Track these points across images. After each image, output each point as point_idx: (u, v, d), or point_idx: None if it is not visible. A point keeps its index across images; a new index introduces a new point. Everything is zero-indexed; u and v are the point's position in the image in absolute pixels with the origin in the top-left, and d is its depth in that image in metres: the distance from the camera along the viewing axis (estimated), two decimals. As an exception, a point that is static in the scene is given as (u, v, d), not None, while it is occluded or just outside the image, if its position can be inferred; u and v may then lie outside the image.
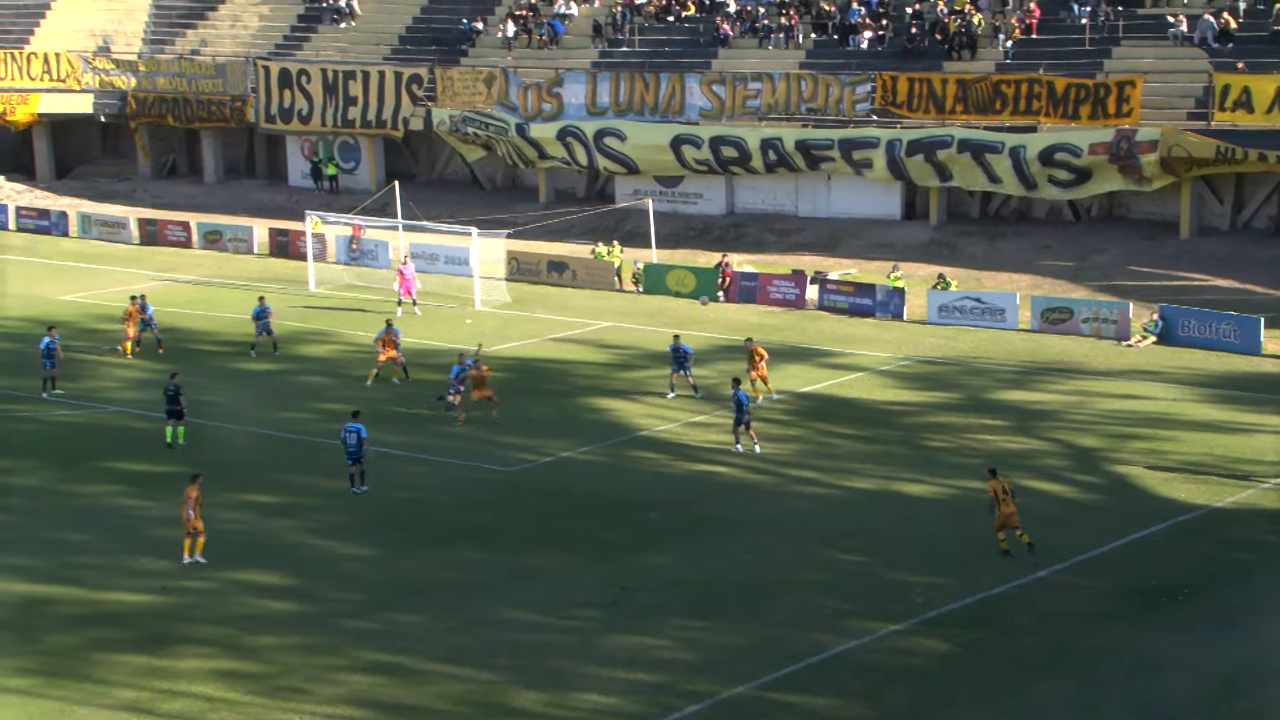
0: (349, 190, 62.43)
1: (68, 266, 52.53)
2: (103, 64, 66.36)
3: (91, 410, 34.80)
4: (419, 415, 34.18)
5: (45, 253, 55.10)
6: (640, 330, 42.35)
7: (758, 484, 29.42)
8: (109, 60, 66.50)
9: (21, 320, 44.00)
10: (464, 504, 28.38)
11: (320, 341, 41.18)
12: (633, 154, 55.69)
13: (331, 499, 28.63)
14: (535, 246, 52.10)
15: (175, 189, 65.60)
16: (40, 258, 54.18)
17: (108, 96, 66.35)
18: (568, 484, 29.44)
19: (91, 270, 51.71)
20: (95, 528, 27.16)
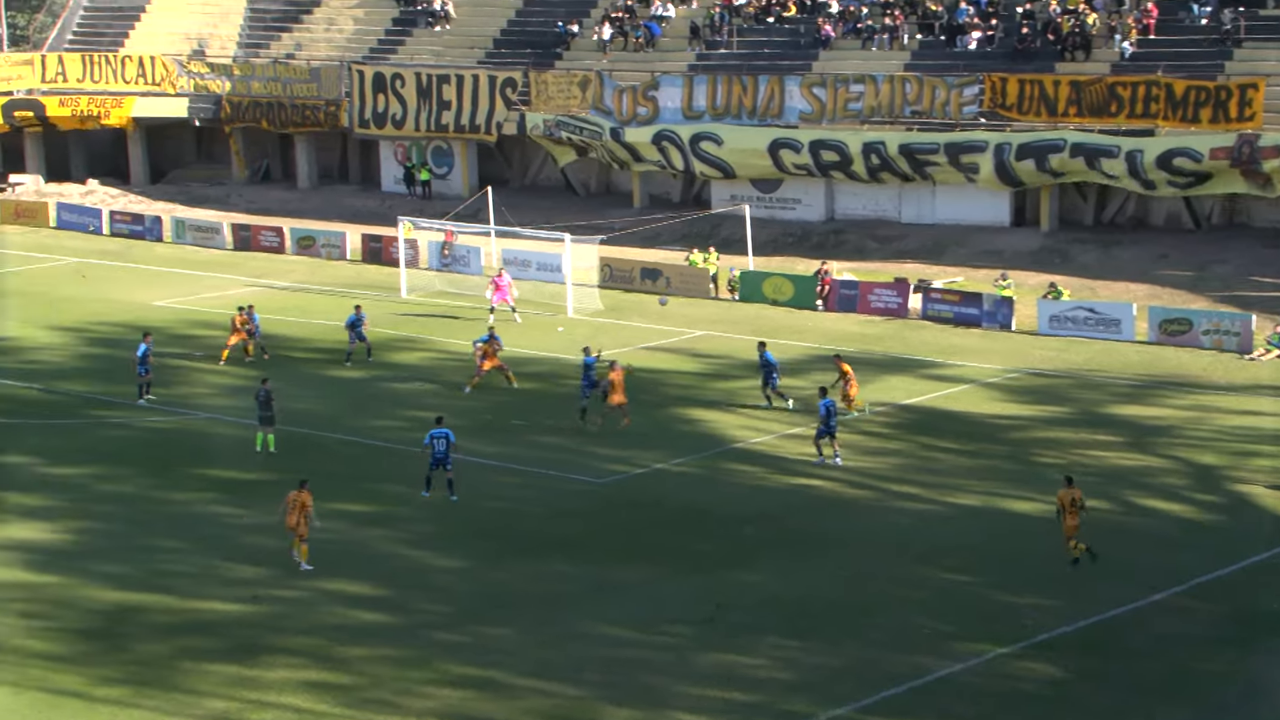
0: (442, 196, 63.03)
1: (161, 272, 53.60)
2: (197, 67, 67.64)
3: (184, 417, 35.46)
4: (512, 424, 34.36)
5: (139, 258, 56.29)
6: (735, 339, 42.27)
7: (856, 499, 29.22)
8: (204, 64, 67.76)
9: (116, 326, 44.98)
10: (555, 515, 28.50)
11: (412, 349, 41.61)
12: (729, 158, 55.62)
13: (423, 509, 28.91)
14: (629, 253, 52.18)
15: (269, 194, 66.68)
16: (134, 263, 55.35)
17: (202, 100, 67.62)
18: (660, 496, 29.45)
19: (185, 276, 52.71)
20: (187, 535, 27.65)
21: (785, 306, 46.08)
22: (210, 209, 64.75)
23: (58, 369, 40.11)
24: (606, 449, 32.53)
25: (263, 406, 32.41)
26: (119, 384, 37.94)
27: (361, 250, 55.05)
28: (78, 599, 24.83)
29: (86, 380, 38.74)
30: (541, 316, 45.38)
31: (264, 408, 32.40)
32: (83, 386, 38.15)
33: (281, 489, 29.56)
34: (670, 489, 29.95)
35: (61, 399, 37.16)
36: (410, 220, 52.94)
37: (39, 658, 22.74)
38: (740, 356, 40.19)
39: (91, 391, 37.69)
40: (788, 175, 55.00)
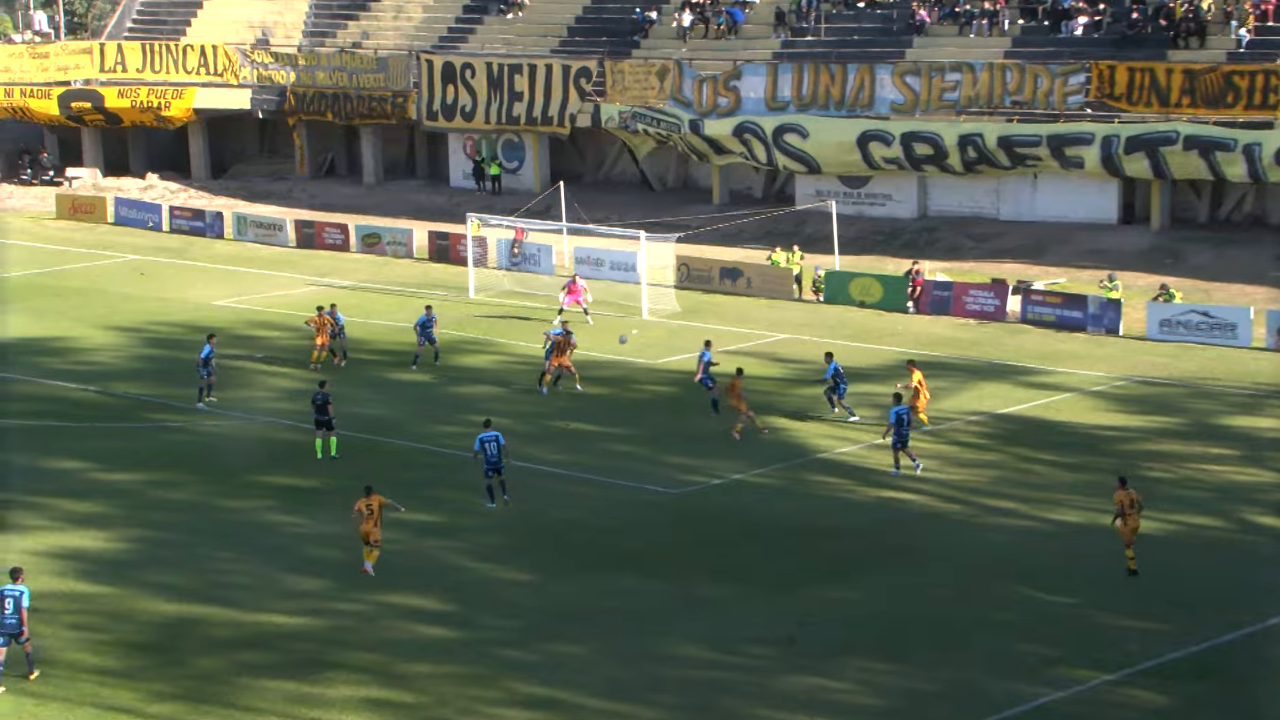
0: (512, 191, 63.26)
1: (222, 270, 54.19)
2: (261, 57, 68.33)
3: (243, 421, 35.78)
4: (582, 431, 34.36)
5: (199, 255, 56.96)
6: (820, 343, 42.03)
7: (950, 513, 28.89)
8: (267, 53, 68.42)
9: (175, 326, 45.51)
10: (628, 527, 28.43)
11: (480, 351, 41.74)
12: (815, 151, 55.35)
13: (489, 519, 28.94)
14: (707, 251, 52.03)
15: (333, 189, 67.26)
16: (194, 260, 56.00)
17: (266, 91, 68.31)
18: (739, 509, 29.30)
19: (246, 274, 53.26)
20: (246, 545, 27.86)
21: (873, 309, 45.75)
22: (272, 205, 65.41)
23: (113, 370, 40.63)
24: (681, 458, 32.42)
25: (319, 411, 32.62)
26: (176, 386, 38.35)
27: (428, 248, 55.34)
28: (132, 611, 25.06)
29: (143, 382, 39.21)
30: (615, 318, 45.34)
31: (321, 412, 32.61)
32: (139, 389, 38.61)
33: (344, 497, 29.71)
34: (749, 501, 29.78)
35: (117, 401, 37.62)
36: (479, 217, 53.14)
37: (91, 672, 22.97)
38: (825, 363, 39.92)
39: (148, 394, 38.13)
40: (877, 169, 54.64)
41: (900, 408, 30.89)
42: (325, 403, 32.60)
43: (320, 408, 32.58)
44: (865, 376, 38.52)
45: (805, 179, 56.94)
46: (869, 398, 36.04)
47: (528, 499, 29.90)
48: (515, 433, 34.32)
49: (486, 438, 29.38)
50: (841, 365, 36.91)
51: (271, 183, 69.10)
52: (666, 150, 61.55)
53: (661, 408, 36.39)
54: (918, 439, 33.20)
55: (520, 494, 30.17)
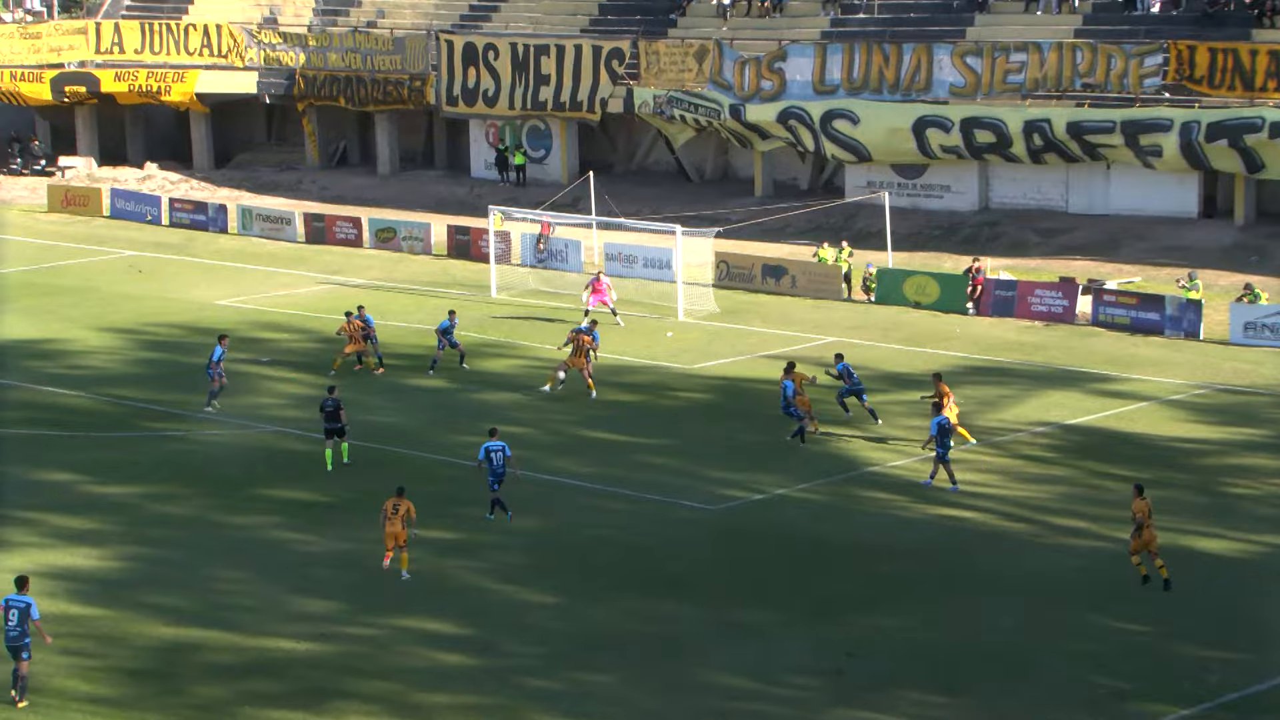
0: (538, 182, 63.35)
1: (225, 267, 54.44)
2: (268, 37, 68.65)
3: (249, 430, 35.94)
4: (612, 441, 34.39)
5: (201, 251, 57.23)
6: (872, 347, 41.93)
7: (1014, 533, 28.80)
8: (275, 33, 68.73)
9: (175, 327, 45.75)
10: (662, 546, 28.43)
11: (502, 355, 41.81)
12: (867, 139, 55.25)
13: (512, 536, 28.99)
14: (749, 247, 51.99)
15: (345, 180, 67.50)
16: (195, 256, 56.27)
17: (273, 75, 68.60)
18: (783, 527, 29.25)
19: (251, 271, 53.50)
20: (251, 564, 27.97)
21: (930, 310, 45.62)
22: (280, 197, 65.65)
23: (109, 375, 40.88)
24: (720, 471, 32.42)
25: (329, 419, 32.73)
26: (177, 392, 38.54)
27: (447, 244, 55.48)
28: (127, 635, 25.19)
29: (140, 388, 39.43)
30: (648, 320, 45.35)
31: (331, 419, 32.72)
32: (136, 394, 38.82)
33: (357, 513, 29.80)
34: (794, 518, 29.73)
35: (113, 409, 37.84)
36: (502, 210, 53.21)
37: (83, 701, 23.09)
38: (877, 367, 39.84)
39: (146, 400, 38.34)
40: (935, 158, 54.50)
41: (941, 418, 30.79)
42: (336, 409, 32.72)
43: (330, 414, 32.70)
44: (920, 384, 38.34)
45: (856, 169, 56.81)
46: (925, 407, 35.91)
47: (554, 515, 29.91)
48: (540, 444, 34.36)
49: (493, 447, 29.59)
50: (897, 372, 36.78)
51: (279, 173, 69.41)
52: (705, 138, 61.53)
53: (698, 416, 36.37)
54: (978, 452, 33.05)
55: (546, 510, 30.18)
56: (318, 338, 43.99)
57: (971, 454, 32.92)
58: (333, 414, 32.72)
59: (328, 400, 32.99)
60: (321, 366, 40.42)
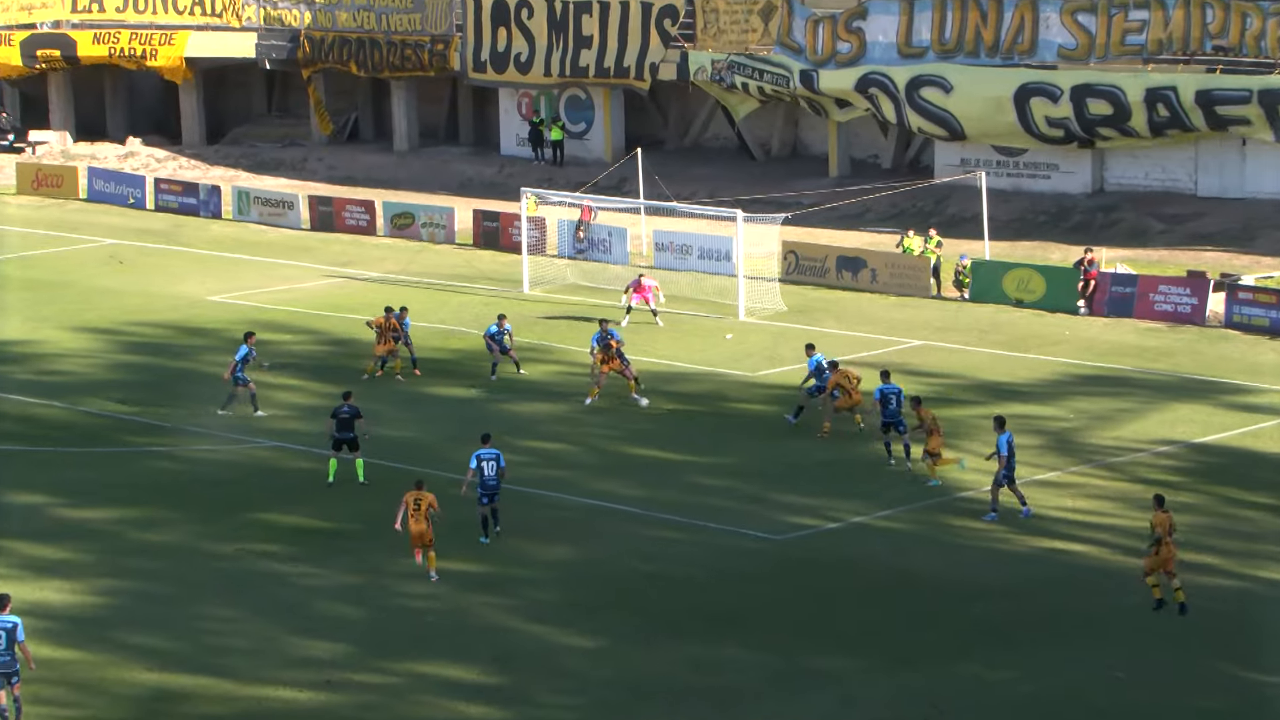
0: (578, 161, 63.41)
1: (219, 258, 54.67)
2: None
3: (245, 445, 36.04)
4: (662, 460, 34.33)
5: (191, 239, 57.51)
6: (965, 352, 41.72)
7: (1131, 570, 28.55)
8: (276, -10, 69.16)
9: (161, 328, 45.94)
10: (719, 582, 28.35)
11: (536, 359, 41.83)
12: (960, 110, 55.07)
13: (547, 569, 28.97)
14: (821, 236, 51.83)
15: (356, 158, 67.73)
16: (185, 245, 56.54)
17: (274, 37, 68.97)
18: (860, 560, 29.14)
19: (249, 263, 53.69)
20: (247, 600, 28.02)
21: (1034, 309, 45.41)
22: (282, 177, 65.94)
23: (86, 382, 41.10)
24: (787, 494, 32.31)
25: (342, 427, 32.86)
26: (163, 403, 38.71)
27: (473, 231, 55.55)
28: (105, 681, 25.26)
29: (122, 397, 39.60)
30: (704, 320, 45.26)
31: (344, 429, 32.85)
32: (117, 405, 39.00)
33: (367, 541, 29.84)
34: (873, 550, 29.60)
35: (90, 421, 38.01)
36: (536, 193, 53.25)
37: (56, 754, 23.20)
38: (972, 374, 39.69)
39: (128, 412, 38.50)
40: (1040, 133, 54.24)
41: (1008, 435, 30.54)
42: (352, 418, 32.86)
43: (344, 423, 32.83)
44: (1022, 395, 38.20)
45: (947, 145, 56.62)
46: (1028, 422, 35.72)
47: (594, 544, 29.86)
48: (578, 462, 34.33)
49: (485, 455, 29.88)
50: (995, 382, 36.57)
51: (281, 150, 69.71)
52: (771, 109, 61.46)
53: (762, 431, 36.27)
54: (1089, 476, 32.81)
55: (585, 538, 30.14)
56: (325, 339, 44.12)
57: (1082, 478, 32.71)
58: (347, 422, 32.84)
59: (343, 407, 33.11)
60: (329, 372, 40.53)
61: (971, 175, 51.93)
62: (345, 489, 32.84)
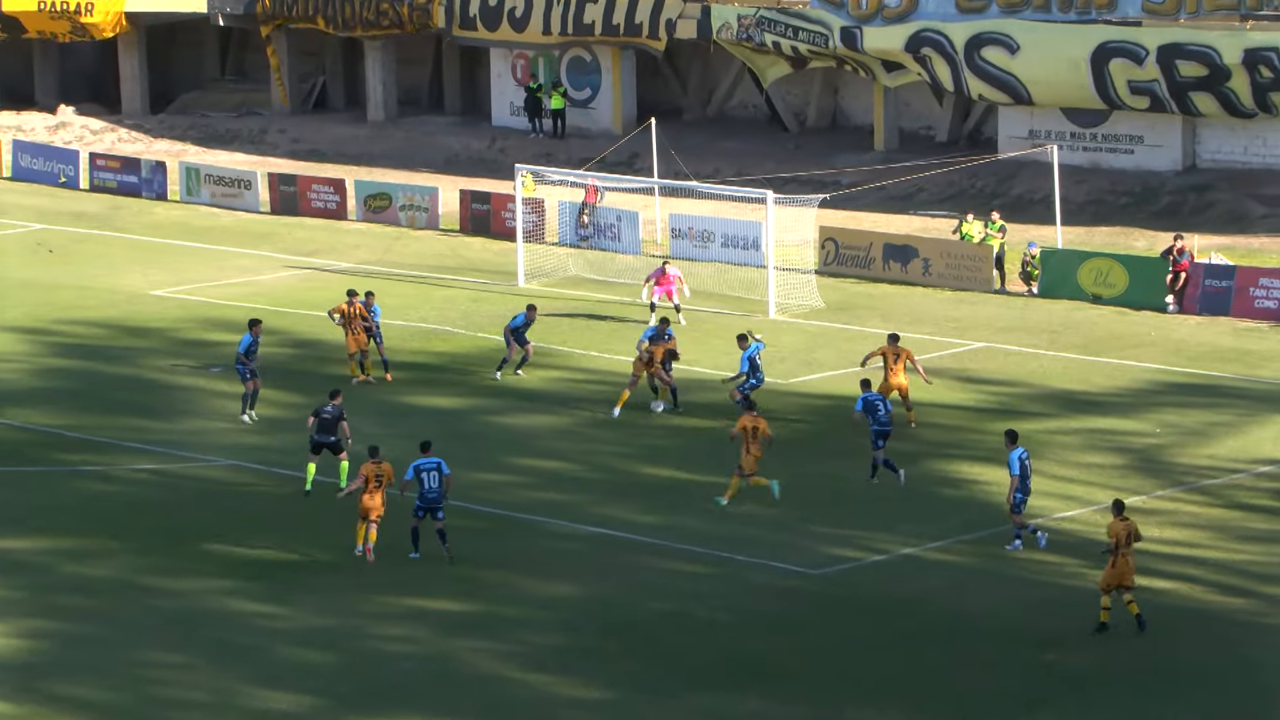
0: (582, 133, 63.42)
1: (164, 245, 54.71)
2: (221, -60, 69.14)
3: (194, 463, 36.08)
4: (681, 481, 34.34)
5: (131, 224, 57.53)
6: (1033, 356, 41.72)
7: (1230, 611, 28.59)
8: (231, -65, 69.24)
9: (97, 327, 45.98)
10: (747, 623, 28.36)
11: (533, 365, 41.81)
12: (1027, 74, 55.03)
13: (545, 608, 28.98)
14: (865, 220, 51.84)
15: (324, 129, 67.75)
16: (124, 231, 56.59)
17: (228, -10, 69.08)
18: (912, 599, 29.14)
19: (198, 251, 53.72)
20: (197, 644, 28.00)
21: (1114, 305, 45.44)
22: (238, 151, 65.98)
23: (8, 390, 41.10)
24: (825, 524, 32.33)
25: (324, 429, 33.23)
26: (100, 413, 38.72)
27: (460, 215, 55.59)
28: (34, 736, 25.31)
29: (51, 408, 39.65)
30: (729, 318, 45.27)
31: (325, 430, 33.22)
32: (46, 418, 39.02)
33: (339, 576, 29.86)
34: (925, 587, 29.59)
35: (13, 436, 38.03)
36: (533, 170, 53.24)
37: (-24, 823, 23.26)
38: (1041, 383, 39.73)
39: (59, 425, 38.54)
40: (1122, 101, 54.20)
41: (1020, 450, 30.54)
42: (336, 420, 33.24)
43: (326, 424, 33.22)
44: (1100, 407, 38.17)
45: (1013, 114, 56.60)
46: (1108, 438, 35.68)
47: (601, 580, 29.87)
48: (584, 483, 34.35)
49: (424, 465, 30.62)
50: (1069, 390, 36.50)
51: (236, 120, 69.76)
52: (807, 74, 61.45)
53: (797, 448, 36.27)
54: (1180, 501, 32.78)
55: (590, 573, 30.14)
56: (288, 340, 44.16)
57: (1172, 503, 32.72)
58: (329, 424, 33.18)
59: (327, 407, 33.46)
60: (293, 378, 40.55)
61: (1041, 149, 51.89)
62: (313, 516, 32.85)
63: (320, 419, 33.35)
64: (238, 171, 60.69)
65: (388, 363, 40.73)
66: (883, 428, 33.91)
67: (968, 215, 49.68)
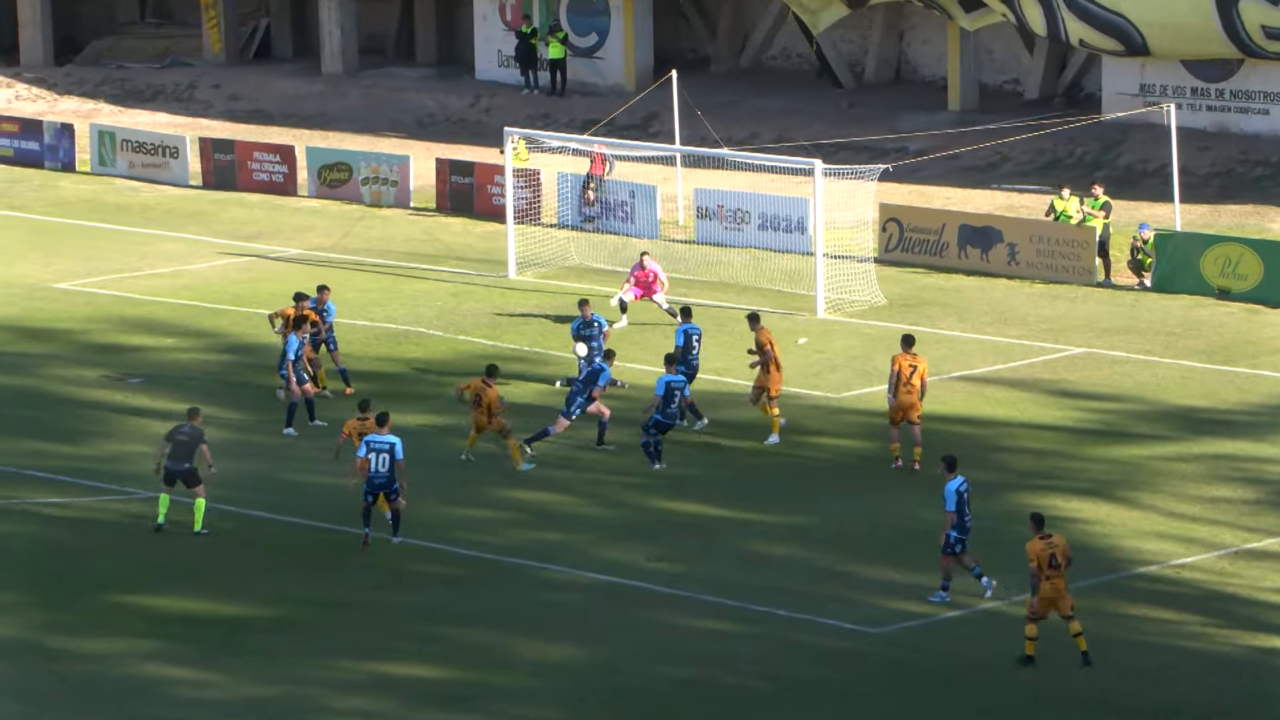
0: (587, 88, 63.50)
1: (72, 227, 54.83)
2: None
3: (107, 496, 36.16)
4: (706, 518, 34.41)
5: (31, 201, 57.62)
6: (1144, 364, 41.75)
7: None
8: None
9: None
10: (787, 691, 28.37)
11: (526, 375, 41.88)
12: (1139, 15, 55.01)
13: (539, 675, 29.02)
14: (936, 196, 51.89)
15: (268, 84, 67.80)
16: (22, 210, 56.69)
17: (149, -88, 69.15)
18: (992, 664, 29.18)
19: (115, 234, 53.84)
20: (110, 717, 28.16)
21: (1245, 301, 45.54)
22: (163, 112, 66.06)
23: (-117, 405, 41.31)
24: (887, 568, 32.38)
25: (177, 454, 33.70)
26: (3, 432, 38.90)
27: (436, 190, 55.69)
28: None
29: None
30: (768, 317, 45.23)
31: (179, 456, 33.70)
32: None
33: (283, 635, 29.94)
34: (1009, 649, 29.60)
35: (-112, 461, 38.24)
36: (526, 135, 53.23)
37: None
38: (1154, 397, 39.84)
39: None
40: (1255, 47, 54.23)
41: (958, 481, 30.75)
42: (193, 444, 33.70)
43: (181, 449, 33.69)
44: (1227, 427, 38.14)
45: (1119, 64, 56.61)
46: (1237, 465, 35.69)
47: (609, 640, 29.93)
48: (588, 521, 34.45)
49: (376, 443, 32.25)
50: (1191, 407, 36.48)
51: (159, 71, 69.84)
52: (865, 14, 61.49)
53: (850, 477, 36.36)
54: None
55: (595, 632, 30.19)
56: (223, 345, 44.27)
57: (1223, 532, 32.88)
58: (184, 448, 33.65)
59: (183, 427, 33.94)
60: (229, 392, 40.64)
61: (1156, 109, 51.89)
62: (255, 561, 32.93)
63: (174, 442, 33.66)
64: (162, 136, 60.77)
65: (346, 373, 40.82)
66: (669, 421, 36.45)
67: (1064, 190, 49.66)
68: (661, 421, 36.40)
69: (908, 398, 36.05)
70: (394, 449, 32.73)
